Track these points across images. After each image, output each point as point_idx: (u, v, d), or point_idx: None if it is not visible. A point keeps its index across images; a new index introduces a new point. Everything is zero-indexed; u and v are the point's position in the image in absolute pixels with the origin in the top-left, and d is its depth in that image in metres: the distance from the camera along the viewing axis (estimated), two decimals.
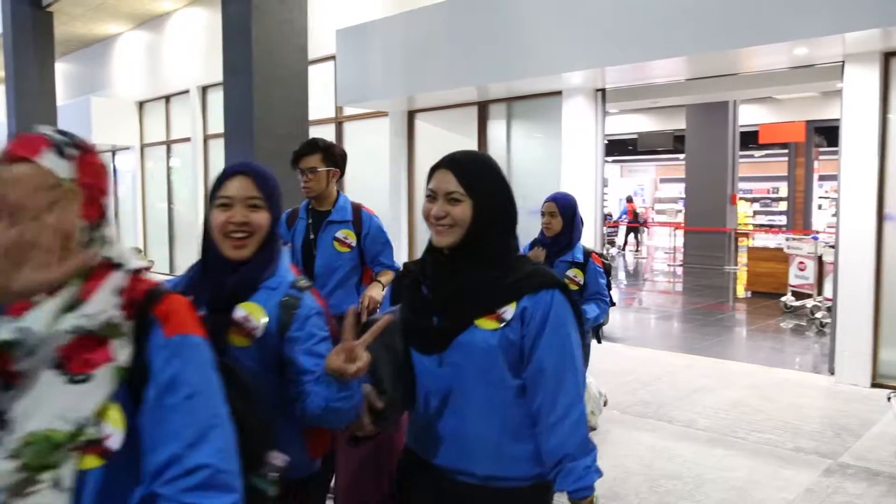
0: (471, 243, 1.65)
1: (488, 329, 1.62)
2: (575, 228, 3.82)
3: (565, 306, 1.65)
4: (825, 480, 3.93)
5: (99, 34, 15.71)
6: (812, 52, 5.87)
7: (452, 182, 1.65)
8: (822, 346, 7.48)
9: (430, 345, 1.68)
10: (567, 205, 3.82)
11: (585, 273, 3.78)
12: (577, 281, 3.74)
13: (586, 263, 3.81)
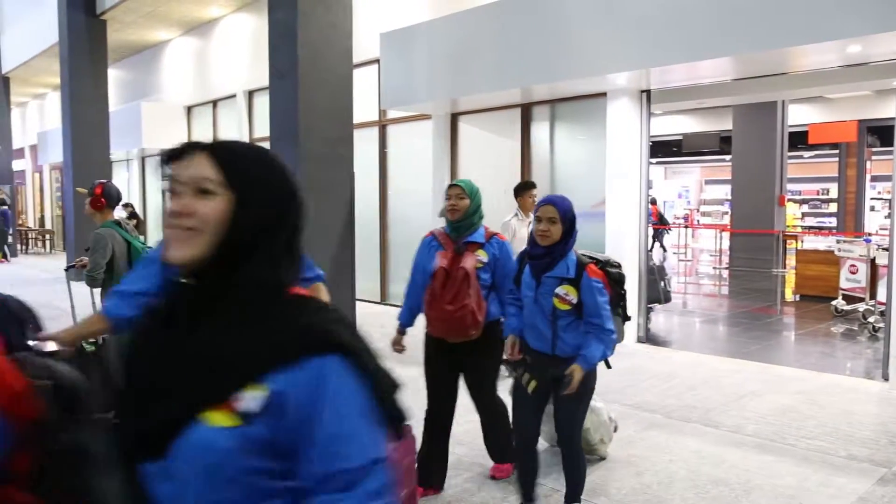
0: (223, 265, 1.11)
1: (219, 427, 1.03)
2: (572, 237, 3.33)
3: (347, 381, 1.05)
4: (880, 489, 3.84)
5: (149, 41, 16.12)
6: (865, 50, 5.73)
7: (206, 167, 1.12)
8: (874, 351, 7.28)
9: (141, 446, 1.08)
10: (568, 209, 3.30)
11: (579, 290, 3.17)
12: (568, 300, 3.18)
13: (580, 279, 3.19)
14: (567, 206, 3.31)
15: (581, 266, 3.21)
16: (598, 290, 3.17)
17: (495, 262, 3.71)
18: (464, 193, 3.75)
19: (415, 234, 10.23)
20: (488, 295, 3.71)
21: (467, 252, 3.68)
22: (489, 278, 3.71)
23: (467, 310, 3.59)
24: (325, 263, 8.14)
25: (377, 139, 10.84)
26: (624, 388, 5.88)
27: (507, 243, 3.80)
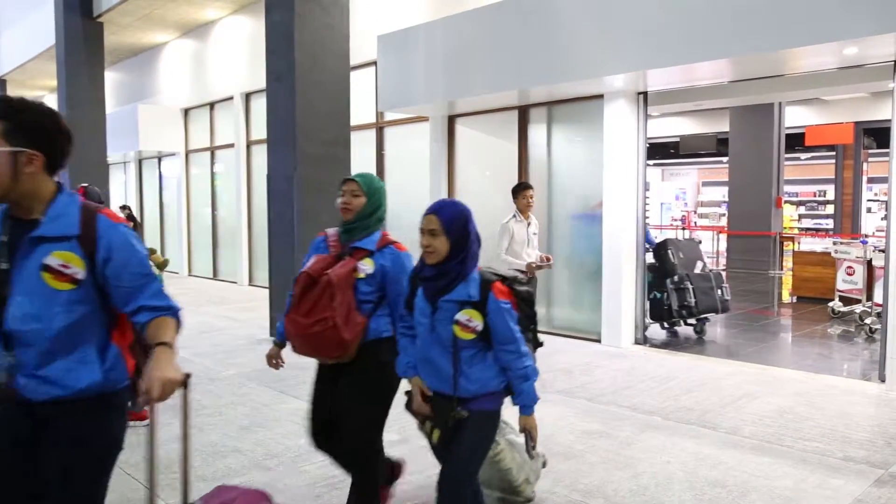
0: None
1: None
2: (468, 252, 2.66)
3: None
4: (876, 491, 3.84)
5: (146, 43, 16.11)
6: (862, 52, 5.75)
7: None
8: (871, 352, 7.29)
9: None
10: (454, 218, 2.66)
11: (485, 315, 2.60)
12: (472, 327, 2.60)
13: (485, 301, 2.61)
14: (451, 213, 2.67)
15: (486, 286, 2.63)
16: (508, 313, 2.62)
17: (384, 275, 3.13)
18: (360, 190, 3.21)
19: (412, 236, 10.25)
20: (373, 312, 3.13)
21: (350, 259, 3.13)
22: (373, 292, 3.12)
23: (326, 324, 3.00)
24: None
25: (374, 141, 10.84)
26: (621, 390, 5.88)
27: (405, 256, 3.20)
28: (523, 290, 2.83)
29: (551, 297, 8.43)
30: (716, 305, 8.11)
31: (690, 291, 7.91)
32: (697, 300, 7.93)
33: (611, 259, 7.66)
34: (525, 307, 2.82)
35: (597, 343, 7.79)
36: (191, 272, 15.91)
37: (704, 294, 8.02)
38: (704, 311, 8.04)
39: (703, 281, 8.09)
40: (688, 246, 8.47)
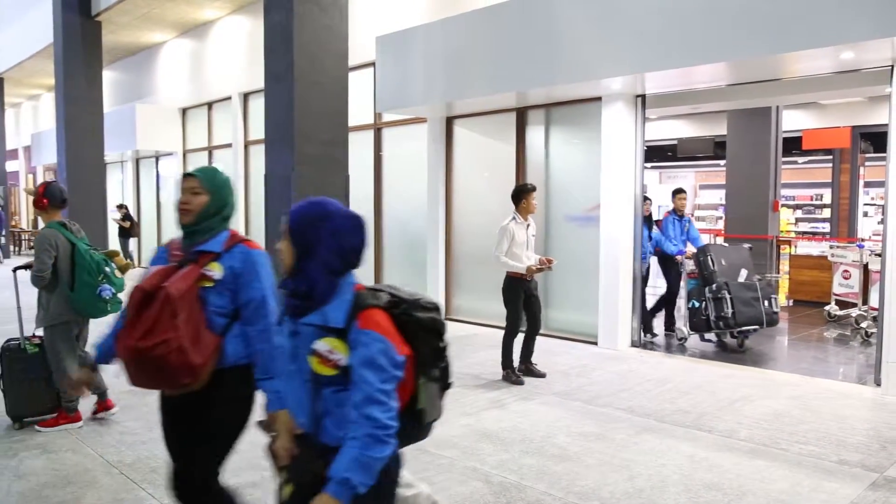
0: None
1: None
2: (323, 263, 2.04)
3: None
4: (871, 494, 3.85)
5: (144, 42, 16.10)
6: (859, 56, 5.76)
7: None
8: (867, 356, 7.31)
9: None
10: (302, 222, 2.07)
11: (350, 347, 1.99)
12: (333, 361, 2.00)
13: (349, 329, 2.00)
14: (299, 217, 2.08)
15: (355, 311, 2.02)
16: (373, 356, 1.95)
17: (235, 280, 2.64)
18: (200, 187, 2.72)
19: (410, 237, 10.27)
20: (227, 328, 2.64)
21: (193, 266, 2.64)
22: (227, 304, 2.63)
23: (170, 347, 2.48)
24: None
25: (372, 142, 10.84)
26: (617, 392, 5.89)
27: (258, 254, 2.71)
28: (425, 317, 2.14)
29: (548, 299, 8.43)
30: (760, 318, 7.43)
31: (728, 301, 7.33)
32: (736, 311, 7.32)
33: (608, 261, 7.67)
34: (428, 340, 2.14)
35: (593, 345, 7.79)
36: None
37: (746, 305, 7.38)
38: (745, 323, 7.39)
39: (746, 291, 7.46)
40: (733, 252, 7.87)
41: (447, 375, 2.23)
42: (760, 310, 7.41)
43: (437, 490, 3.86)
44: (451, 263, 9.60)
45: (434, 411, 2.20)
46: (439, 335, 2.19)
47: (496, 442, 4.66)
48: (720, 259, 7.62)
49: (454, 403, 5.52)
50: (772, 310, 7.52)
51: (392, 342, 1.98)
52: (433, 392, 2.16)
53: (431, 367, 2.15)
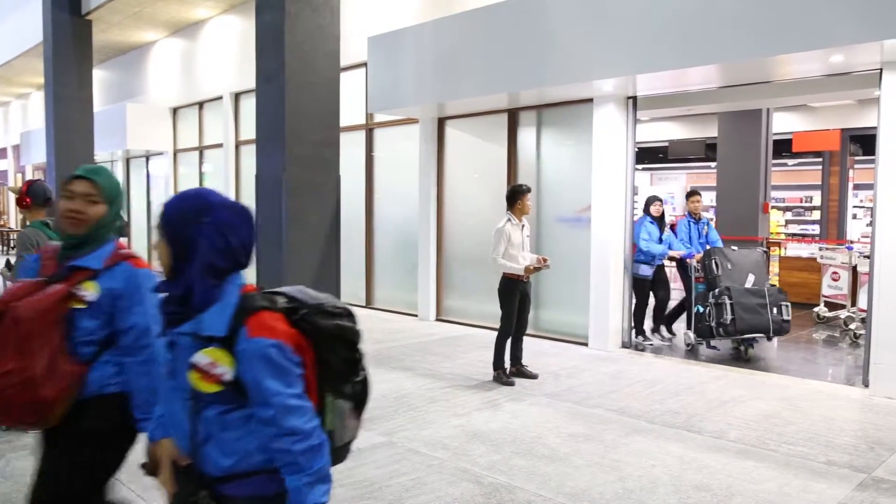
0: None
1: None
2: (204, 262, 1.75)
3: None
4: (859, 495, 3.87)
5: (135, 42, 16.04)
6: (848, 60, 5.79)
7: None
8: (855, 357, 7.35)
9: None
10: (179, 216, 1.80)
11: (236, 359, 1.70)
12: (216, 376, 1.70)
13: (234, 337, 1.71)
14: (175, 208, 1.80)
15: (241, 315, 1.72)
16: (268, 360, 1.67)
17: (113, 303, 2.30)
18: (99, 196, 2.36)
19: (401, 238, 10.26)
20: (96, 356, 2.31)
21: (63, 283, 2.27)
22: (99, 330, 2.31)
23: (11, 380, 2.11)
24: (310, 266, 8.13)
25: (364, 143, 10.83)
26: (607, 393, 5.90)
27: (144, 275, 2.37)
28: (328, 324, 1.83)
29: (539, 300, 8.44)
30: (766, 326, 7.03)
31: (727, 307, 7.00)
32: (736, 318, 6.95)
33: (599, 262, 7.68)
34: (337, 349, 1.84)
35: (584, 346, 7.81)
36: None
37: (749, 311, 7.00)
38: (746, 330, 7.02)
39: (751, 297, 7.08)
40: (741, 256, 7.46)
41: (363, 392, 1.92)
42: (767, 317, 7.02)
43: (428, 491, 3.86)
44: (442, 264, 9.60)
45: (346, 432, 1.88)
46: (350, 345, 1.89)
47: (487, 443, 4.66)
48: (726, 263, 7.34)
49: (445, 404, 5.52)
50: (781, 318, 7.10)
51: (285, 342, 1.71)
52: (344, 411, 1.86)
53: (342, 382, 1.85)
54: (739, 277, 7.24)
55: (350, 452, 1.96)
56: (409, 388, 6.04)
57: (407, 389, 6.01)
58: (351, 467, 4.19)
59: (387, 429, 4.95)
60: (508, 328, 6.33)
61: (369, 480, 4.00)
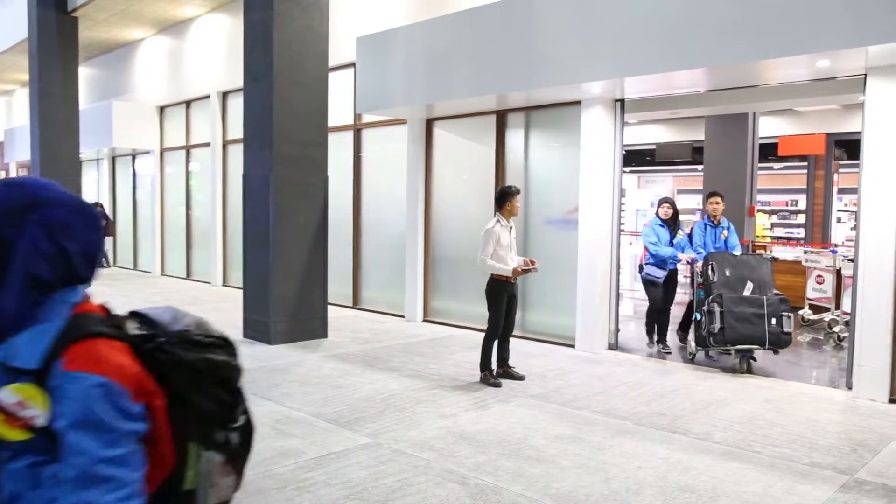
0: None
1: None
2: (23, 270, 1.30)
3: None
4: (842, 497, 3.90)
5: (122, 39, 15.93)
6: (834, 65, 5.85)
7: None
8: (839, 360, 7.41)
9: None
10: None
11: (52, 398, 1.24)
12: (26, 420, 1.24)
13: (49, 371, 1.26)
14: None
15: (62, 343, 1.28)
16: (86, 407, 1.23)
17: None
18: None
19: (389, 238, 10.25)
20: None
21: None
22: None
23: None
24: (298, 265, 8.12)
25: (352, 143, 10.81)
26: (594, 395, 5.92)
27: None
28: (193, 357, 1.44)
29: (527, 302, 8.46)
30: (759, 337, 6.63)
31: (717, 315, 6.65)
32: (726, 327, 6.60)
33: (586, 264, 7.70)
34: (205, 388, 1.44)
35: (571, 348, 7.83)
36: (164, 272, 15.73)
37: (742, 321, 6.61)
38: (736, 340, 6.64)
39: (746, 306, 6.68)
40: (742, 263, 7.07)
41: (243, 441, 1.52)
42: (762, 328, 6.61)
43: (414, 492, 3.85)
44: (429, 265, 9.59)
45: (216, 492, 1.47)
46: (224, 382, 1.50)
47: (473, 444, 4.66)
48: (724, 269, 6.94)
49: (432, 405, 5.52)
50: (779, 329, 6.65)
51: (119, 382, 1.26)
52: (212, 465, 1.45)
53: (211, 428, 1.45)
54: (738, 285, 6.87)
55: None
56: (395, 389, 6.03)
57: (393, 390, 6.00)
58: (336, 468, 4.18)
59: (373, 430, 4.94)
60: (496, 329, 6.33)
61: (355, 481, 3.99)
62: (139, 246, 16.87)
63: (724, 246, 7.64)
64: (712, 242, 7.66)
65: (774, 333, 6.63)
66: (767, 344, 6.65)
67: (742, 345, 6.70)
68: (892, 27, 4.98)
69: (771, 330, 6.61)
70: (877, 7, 5.02)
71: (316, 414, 5.30)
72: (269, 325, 7.94)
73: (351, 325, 9.24)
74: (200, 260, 14.58)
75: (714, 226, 7.74)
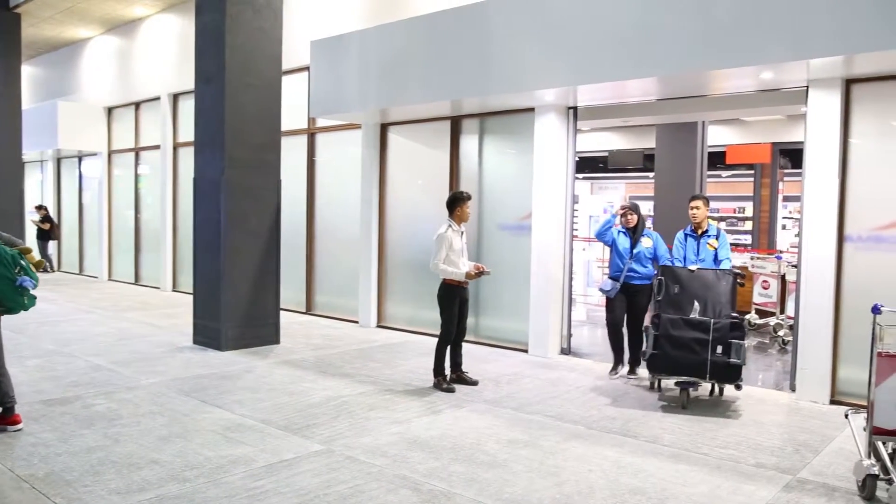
0: None
1: None
2: None
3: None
4: (784, 496, 4.00)
5: (68, 38, 15.52)
6: (778, 77, 6.02)
7: None
8: (784, 363, 7.61)
9: None
10: None
11: None
12: None
13: None
14: None
15: None
16: None
17: None
18: None
19: (342, 243, 10.17)
20: None
21: None
22: None
23: None
24: (250, 269, 8.00)
25: (306, 147, 10.72)
26: (546, 400, 5.96)
27: None
28: None
29: (480, 307, 8.49)
30: (698, 367, 5.66)
31: (649, 338, 5.91)
32: (658, 353, 5.80)
33: (539, 270, 7.77)
34: None
35: (524, 353, 7.87)
36: (111, 277, 15.34)
37: (678, 347, 5.71)
38: (667, 369, 5.84)
39: (687, 329, 5.73)
40: (698, 278, 6.07)
41: None
42: (704, 357, 5.65)
43: (367, 499, 3.82)
44: (383, 270, 9.55)
45: None
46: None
47: (426, 450, 4.65)
48: (674, 286, 6.06)
49: (384, 412, 5.49)
50: (725, 360, 5.62)
51: None
52: None
53: None
54: (686, 304, 5.95)
55: None
56: (348, 395, 5.98)
57: (346, 396, 5.95)
58: (288, 476, 4.12)
59: (325, 436, 4.89)
60: (448, 334, 6.34)
61: (306, 489, 3.94)
62: (85, 250, 16.43)
63: (715, 258, 6.57)
64: (694, 254, 6.64)
65: (718, 364, 5.63)
66: (709, 376, 5.68)
67: (677, 375, 5.82)
68: (831, 42, 5.16)
69: (714, 359, 5.63)
70: (818, 23, 5.19)
71: (267, 421, 5.22)
72: (220, 330, 7.81)
73: (304, 330, 9.14)
74: (149, 264, 14.26)
75: (696, 235, 6.75)
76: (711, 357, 5.66)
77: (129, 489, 3.89)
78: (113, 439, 4.72)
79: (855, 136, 5.92)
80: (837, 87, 5.87)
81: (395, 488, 3.99)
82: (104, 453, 4.45)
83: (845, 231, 5.94)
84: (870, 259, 5.85)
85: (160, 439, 4.76)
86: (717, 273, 6.14)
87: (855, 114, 5.92)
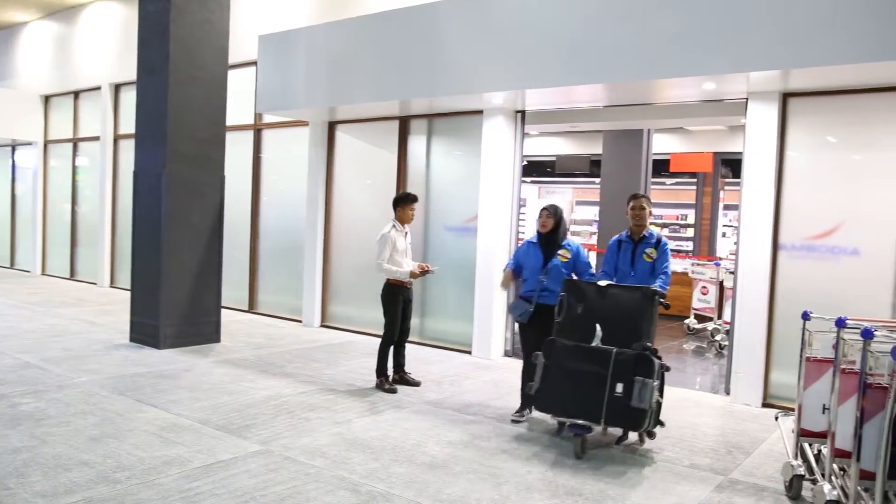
0: None
1: None
2: None
3: None
4: (716, 496, 4.10)
5: (3, 21, 14.94)
6: (719, 88, 6.18)
7: None
8: (720, 367, 7.81)
9: None
10: None
11: None
12: None
13: None
14: None
15: None
16: None
17: None
18: None
19: (287, 242, 10.03)
20: None
21: None
22: None
23: None
24: (191, 266, 7.82)
25: (252, 143, 10.55)
26: (488, 401, 5.98)
27: None
28: None
29: (425, 308, 8.48)
30: (591, 409, 4.61)
31: (538, 371, 4.88)
32: (544, 388, 4.82)
33: (484, 272, 7.80)
34: None
35: (468, 354, 7.90)
36: (45, 271, 14.81)
37: (570, 382, 4.69)
38: (551, 409, 4.85)
39: (582, 360, 4.69)
40: (610, 297, 4.96)
41: None
42: (600, 397, 4.58)
43: (304, 500, 3.77)
44: (328, 269, 9.46)
45: None
46: None
47: (366, 451, 4.62)
48: (577, 304, 5.00)
49: (325, 412, 5.43)
50: (626, 402, 4.51)
51: None
52: None
53: None
54: (582, 326, 4.89)
55: None
56: (288, 395, 5.90)
57: (286, 396, 5.87)
58: (224, 477, 4.04)
59: (264, 437, 4.81)
60: (392, 334, 6.31)
61: (242, 490, 3.86)
62: (17, 243, 15.82)
63: (653, 271, 5.23)
64: (627, 266, 5.33)
65: (617, 407, 4.54)
66: (604, 420, 4.61)
67: (566, 417, 4.79)
68: (769, 56, 5.32)
69: (612, 399, 4.56)
70: (757, 37, 5.35)
71: (204, 421, 5.11)
72: (159, 328, 7.61)
73: (246, 329, 8.98)
74: (86, 259, 13.82)
75: (633, 242, 5.37)
76: (608, 396, 4.57)
77: (56, 491, 3.75)
78: (40, 440, 4.55)
79: (791, 148, 6.12)
80: (775, 101, 6.06)
81: (334, 489, 3.95)
82: (30, 454, 4.29)
83: (780, 239, 6.13)
84: (802, 267, 6.05)
85: (91, 440, 4.61)
86: (637, 292, 4.91)
87: (791, 127, 6.12)
